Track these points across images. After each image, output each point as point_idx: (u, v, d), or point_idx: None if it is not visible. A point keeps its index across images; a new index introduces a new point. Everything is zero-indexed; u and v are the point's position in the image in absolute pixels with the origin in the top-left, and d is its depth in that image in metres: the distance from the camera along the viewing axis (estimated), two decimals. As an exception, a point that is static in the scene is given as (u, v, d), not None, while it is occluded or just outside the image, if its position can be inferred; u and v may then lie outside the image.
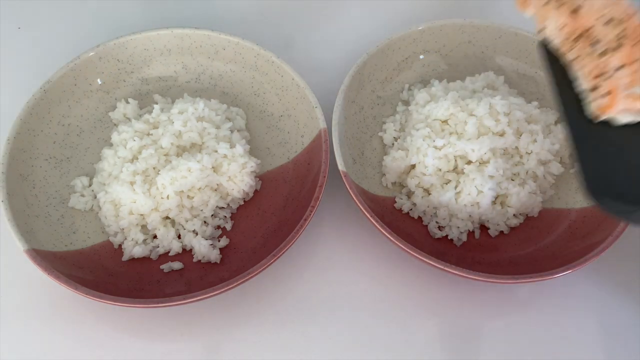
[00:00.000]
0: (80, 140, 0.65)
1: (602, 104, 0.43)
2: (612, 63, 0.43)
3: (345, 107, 0.64)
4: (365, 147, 0.67)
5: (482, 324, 0.59)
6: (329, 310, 0.59)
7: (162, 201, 0.59)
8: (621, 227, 0.56)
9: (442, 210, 0.61)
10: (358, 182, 0.62)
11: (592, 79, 0.44)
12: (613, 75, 0.43)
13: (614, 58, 0.43)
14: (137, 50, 0.68)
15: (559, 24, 0.46)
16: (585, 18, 0.45)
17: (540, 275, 0.54)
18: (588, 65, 0.44)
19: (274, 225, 0.61)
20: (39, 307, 0.57)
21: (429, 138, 0.62)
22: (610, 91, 0.43)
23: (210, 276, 0.58)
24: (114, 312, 0.57)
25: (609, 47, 0.43)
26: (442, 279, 0.60)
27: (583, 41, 0.44)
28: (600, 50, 0.44)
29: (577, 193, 0.64)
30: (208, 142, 0.62)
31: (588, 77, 0.44)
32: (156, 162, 0.60)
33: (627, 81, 0.42)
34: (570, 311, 0.60)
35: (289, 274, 0.61)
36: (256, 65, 0.68)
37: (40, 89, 0.62)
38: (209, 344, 0.57)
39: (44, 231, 0.57)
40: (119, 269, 0.58)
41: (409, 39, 0.70)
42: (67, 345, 0.56)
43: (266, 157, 0.66)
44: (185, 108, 0.63)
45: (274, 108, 0.68)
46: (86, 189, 0.62)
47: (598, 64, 0.43)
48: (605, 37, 0.44)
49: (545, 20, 0.47)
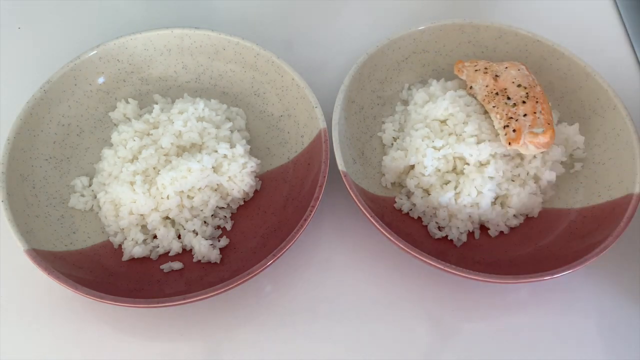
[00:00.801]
0: (80, 140, 0.65)
1: (511, 137, 0.59)
2: (519, 111, 0.60)
3: (345, 107, 0.64)
4: (365, 147, 0.67)
5: (482, 324, 0.59)
6: (329, 310, 0.59)
7: (162, 201, 0.59)
8: (621, 227, 0.56)
9: (441, 210, 0.61)
10: (358, 182, 0.62)
11: (505, 121, 0.60)
12: (519, 120, 0.60)
13: (521, 109, 0.60)
14: (137, 50, 0.68)
15: (484, 84, 0.64)
16: (503, 82, 0.63)
17: (540, 275, 0.54)
18: (502, 112, 0.61)
19: (274, 225, 0.61)
20: (39, 307, 0.57)
21: (428, 138, 0.62)
22: (516, 129, 0.59)
23: (210, 276, 0.58)
24: (114, 312, 0.57)
25: (517, 102, 0.61)
26: (442, 279, 0.60)
27: (500, 96, 0.62)
28: (511, 103, 0.61)
29: (577, 193, 0.64)
30: (208, 142, 0.62)
31: (502, 120, 0.61)
32: (156, 162, 0.60)
33: (529, 124, 0.59)
34: (570, 311, 0.60)
35: (289, 274, 0.61)
36: (256, 65, 0.68)
37: (40, 89, 0.62)
38: (209, 344, 0.57)
39: (44, 231, 0.57)
40: (119, 269, 0.58)
41: (409, 39, 0.70)
42: (67, 345, 0.56)
43: (266, 157, 0.66)
44: (185, 108, 0.64)
45: (274, 108, 0.68)
46: (86, 189, 0.62)
47: (509, 111, 0.61)
48: (515, 95, 0.62)
49: (473, 81, 0.65)
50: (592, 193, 0.63)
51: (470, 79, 0.65)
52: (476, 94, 0.64)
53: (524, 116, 0.60)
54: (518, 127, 0.59)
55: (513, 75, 0.63)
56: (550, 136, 0.59)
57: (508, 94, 0.62)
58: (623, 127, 0.63)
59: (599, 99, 0.66)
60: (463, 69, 0.66)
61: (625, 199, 0.59)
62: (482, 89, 0.63)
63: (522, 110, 0.60)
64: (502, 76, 0.64)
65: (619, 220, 0.57)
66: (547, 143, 0.59)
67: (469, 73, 0.66)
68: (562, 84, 0.69)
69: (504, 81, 0.63)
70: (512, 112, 0.60)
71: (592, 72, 0.66)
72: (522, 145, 0.59)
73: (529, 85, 0.63)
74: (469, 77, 0.65)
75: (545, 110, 0.61)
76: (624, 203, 0.59)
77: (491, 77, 0.64)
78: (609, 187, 0.62)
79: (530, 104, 0.61)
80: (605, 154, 0.64)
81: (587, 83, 0.67)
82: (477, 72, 0.65)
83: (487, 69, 0.65)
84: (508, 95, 0.62)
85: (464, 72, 0.66)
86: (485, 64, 0.66)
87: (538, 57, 0.70)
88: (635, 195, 0.59)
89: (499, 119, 0.61)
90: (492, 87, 0.63)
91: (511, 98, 0.61)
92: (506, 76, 0.63)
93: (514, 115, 0.60)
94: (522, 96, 0.61)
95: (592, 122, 0.66)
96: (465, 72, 0.66)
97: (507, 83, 0.63)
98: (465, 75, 0.66)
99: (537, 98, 0.62)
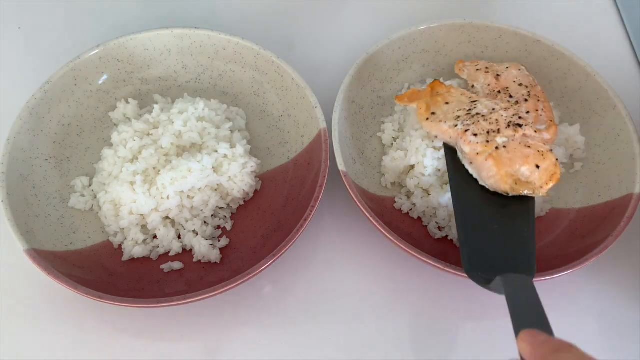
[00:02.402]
0: (80, 140, 0.65)
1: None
2: (522, 109, 0.61)
3: (345, 107, 0.64)
4: (365, 147, 0.67)
5: (482, 324, 0.59)
6: (329, 310, 0.59)
7: (162, 201, 0.59)
8: (621, 227, 0.57)
9: (441, 210, 0.61)
10: (358, 182, 0.62)
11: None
12: (522, 117, 0.60)
13: (524, 106, 0.61)
14: (137, 50, 0.68)
15: (486, 83, 0.64)
16: (505, 81, 0.64)
17: (540, 275, 0.54)
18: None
19: (274, 225, 0.61)
20: (39, 307, 0.57)
21: (428, 138, 0.62)
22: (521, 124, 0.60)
23: (210, 276, 0.58)
24: (114, 312, 0.57)
25: (520, 99, 0.62)
26: (442, 279, 0.60)
27: (502, 95, 0.63)
28: (513, 101, 0.62)
29: (577, 193, 0.64)
30: (208, 142, 0.62)
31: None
32: (156, 162, 0.60)
33: (532, 120, 0.60)
34: (570, 311, 0.60)
35: (289, 274, 0.61)
36: (256, 65, 0.68)
37: (40, 89, 0.62)
38: (209, 344, 0.57)
39: (44, 231, 0.57)
40: (119, 269, 0.58)
41: (409, 39, 0.70)
42: (67, 345, 0.56)
43: (266, 157, 0.66)
44: (185, 108, 0.64)
45: (274, 108, 0.68)
46: (86, 189, 0.62)
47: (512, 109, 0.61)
48: (517, 94, 0.63)
49: (475, 80, 0.65)
50: (592, 193, 0.63)
51: (472, 78, 0.66)
52: (478, 93, 0.64)
53: (526, 113, 0.60)
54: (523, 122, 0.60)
55: (514, 74, 0.65)
56: (554, 132, 0.60)
57: (510, 92, 0.63)
58: (623, 127, 0.63)
59: (599, 99, 0.66)
60: (464, 68, 0.67)
61: (625, 199, 0.59)
62: (484, 87, 0.64)
63: (524, 107, 0.61)
64: (503, 75, 0.65)
65: (619, 220, 0.57)
66: (550, 139, 0.59)
67: (470, 72, 0.66)
68: (562, 84, 0.69)
69: (505, 80, 0.64)
70: (515, 110, 0.61)
71: (592, 72, 0.66)
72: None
73: (530, 85, 0.64)
74: (470, 77, 0.66)
75: (547, 108, 0.62)
76: (624, 203, 0.59)
77: (493, 76, 0.65)
78: (609, 187, 0.62)
79: (532, 102, 0.62)
80: (605, 154, 0.64)
81: (587, 83, 0.67)
82: (479, 71, 0.66)
83: (489, 68, 0.66)
84: (510, 94, 0.63)
85: (465, 72, 0.67)
86: (486, 64, 0.66)
87: (538, 57, 0.70)
88: (635, 195, 0.59)
89: None
90: (494, 86, 0.64)
91: (513, 96, 0.62)
92: (507, 75, 0.65)
93: (517, 112, 0.61)
94: (524, 94, 0.62)
95: (592, 122, 0.66)
96: (466, 72, 0.66)
97: (508, 82, 0.64)
98: (466, 74, 0.66)
99: (539, 97, 0.63)
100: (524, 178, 0.56)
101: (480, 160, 0.57)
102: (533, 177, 0.56)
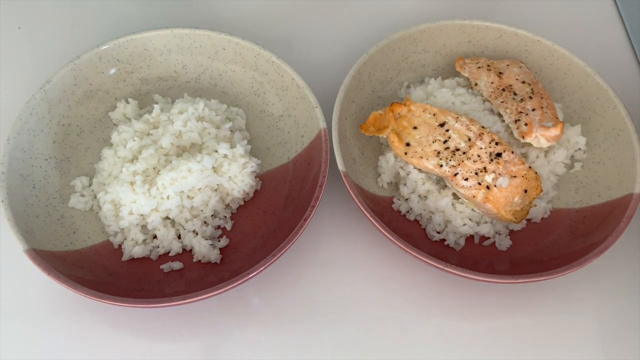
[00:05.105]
0: (80, 140, 0.65)
1: (523, 130, 0.61)
2: (527, 106, 0.62)
3: (345, 107, 0.64)
4: (365, 147, 0.67)
5: (482, 324, 0.59)
6: (329, 310, 0.59)
7: (162, 201, 0.59)
8: (621, 227, 0.57)
9: (437, 215, 0.61)
10: (358, 182, 0.62)
11: (515, 115, 0.62)
12: (529, 114, 0.62)
13: (529, 104, 0.62)
14: (137, 50, 0.68)
15: (489, 81, 0.65)
16: (507, 79, 0.65)
17: (540, 275, 0.54)
18: (511, 107, 0.62)
19: (274, 225, 0.61)
20: (39, 307, 0.57)
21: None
22: (528, 123, 0.61)
23: (210, 276, 0.58)
24: (114, 312, 0.57)
25: (524, 97, 0.63)
26: (442, 279, 0.60)
27: (507, 92, 0.63)
28: (518, 99, 0.63)
29: (577, 193, 0.64)
30: (208, 142, 0.62)
31: (512, 114, 0.62)
32: (156, 162, 0.60)
33: (538, 118, 0.61)
34: (570, 311, 0.60)
35: (289, 274, 0.61)
36: (256, 65, 0.68)
37: (40, 89, 0.62)
38: (209, 344, 0.57)
39: (44, 231, 0.57)
40: (119, 269, 0.58)
41: (409, 39, 0.70)
42: (67, 345, 0.56)
43: (266, 157, 0.66)
44: (185, 108, 0.63)
45: (274, 108, 0.68)
46: (86, 189, 0.62)
47: (518, 106, 0.62)
48: (521, 91, 0.64)
49: (477, 79, 0.65)
50: (592, 193, 0.63)
51: (474, 76, 0.66)
52: (482, 91, 0.65)
53: (532, 111, 0.61)
54: (529, 121, 0.61)
55: (516, 72, 0.65)
56: (561, 129, 0.61)
57: (514, 90, 0.64)
58: (623, 127, 0.63)
59: (599, 99, 0.66)
60: (465, 65, 0.67)
61: (625, 199, 0.59)
62: (488, 85, 0.65)
63: (529, 105, 0.62)
64: (505, 73, 0.65)
65: (619, 220, 0.57)
66: (557, 136, 0.61)
67: (471, 70, 0.66)
68: (562, 84, 0.69)
69: (508, 78, 0.65)
70: (520, 107, 0.62)
71: (592, 72, 0.66)
72: (534, 139, 0.61)
73: (532, 82, 0.64)
74: (472, 75, 0.66)
75: (550, 105, 0.63)
76: (624, 203, 0.59)
77: (495, 74, 0.65)
78: (609, 187, 0.62)
79: (536, 100, 0.63)
80: (605, 154, 0.64)
81: (587, 83, 0.67)
82: (481, 69, 0.66)
83: (490, 65, 0.66)
84: (514, 92, 0.63)
85: (466, 69, 0.67)
86: (487, 61, 0.67)
87: (538, 57, 0.70)
88: (635, 195, 0.59)
89: (509, 113, 0.62)
90: (498, 83, 0.64)
91: (517, 94, 0.63)
92: (509, 73, 0.65)
93: (523, 110, 0.62)
94: (527, 92, 0.63)
95: (592, 122, 0.66)
96: (468, 70, 0.67)
97: (511, 80, 0.65)
98: (467, 72, 0.67)
99: (541, 94, 0.63)
100: (519, 206, 0.58)
101: (478, 202, 0.58)
102: (525, 201, 0.58)
